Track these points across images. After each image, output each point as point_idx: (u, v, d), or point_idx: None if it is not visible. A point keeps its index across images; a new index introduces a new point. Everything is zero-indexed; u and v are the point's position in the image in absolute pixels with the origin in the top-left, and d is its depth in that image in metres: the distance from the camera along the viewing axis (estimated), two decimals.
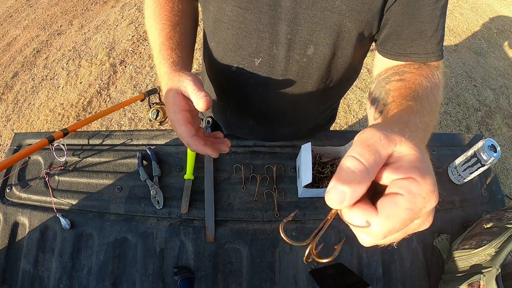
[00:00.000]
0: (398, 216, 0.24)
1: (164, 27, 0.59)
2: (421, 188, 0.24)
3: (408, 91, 0.45)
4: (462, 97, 2.53)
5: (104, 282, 0.73)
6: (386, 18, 0.52)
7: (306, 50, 0.56)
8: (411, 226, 0.26)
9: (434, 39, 0.52)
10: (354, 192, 0.24)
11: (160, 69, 0.54)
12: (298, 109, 0.73)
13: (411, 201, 0.23)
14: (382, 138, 0.25)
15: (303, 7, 0.51)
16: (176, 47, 0.57)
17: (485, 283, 0.62)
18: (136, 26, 2.81)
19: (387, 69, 0.56)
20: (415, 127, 0.35)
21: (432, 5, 0.49)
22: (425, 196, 0.24)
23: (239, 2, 0.53)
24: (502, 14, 3.44)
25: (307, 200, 0.80)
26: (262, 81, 0.63)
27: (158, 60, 0.55)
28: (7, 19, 3.14)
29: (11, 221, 0.80)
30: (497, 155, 0.75)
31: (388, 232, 0.24)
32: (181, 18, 0.62)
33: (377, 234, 0.24)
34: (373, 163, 0.24)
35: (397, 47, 0.54)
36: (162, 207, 0.78)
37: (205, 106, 0.44)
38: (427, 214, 0.26)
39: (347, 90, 0.81)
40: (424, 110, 0.41)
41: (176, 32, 0.59)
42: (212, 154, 0.48)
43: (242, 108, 0.75)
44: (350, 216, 0.25)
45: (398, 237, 0.27)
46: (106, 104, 2.32)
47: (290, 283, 0.73)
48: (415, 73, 0.50)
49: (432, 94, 0.47)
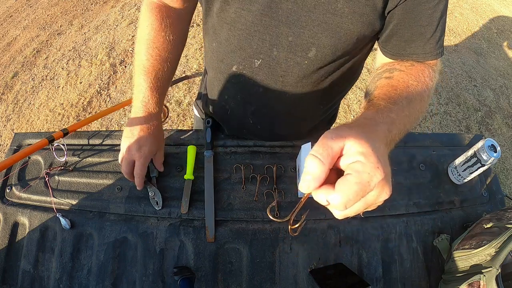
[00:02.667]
0: (350, 189, 0.31)
1: (154, 65, 0.69)
2: (365, 166, 0.31)
3: (387, 89, 0.51)
4: (462, 97, 2.53)
5: (104, 282, 0.73)
6: (389, 21, 0.54)
7: (307, 52, 0.57)
8: (369, 197, 0.33)
9: (433, 39, 0.54)
10: (316, 180, 0.32)
11: (138, 97, 0.69)
12: (298, 109, 0.73)
13: (357, 176, 0.31)
14: (333, 136, 0.33)
15: (305, 10, 0.51)
16: (160, 91, 0.70)
17: (485, 283, 0.62)
18: (136, 26, 2.81)
19: (383, 65, 0.60)
20: (374, 123, 0.42)
21: (432, 8, 0.51)
22: (370, 172, 0.31)
23: (242, 4, 0.53)
24: (502, 14, 3.44)
25: (307, 200, 0.80)
26: (262, 82, 0.64)
27: (141, 92, 0.69)
28: (7, 19, 3.14)
29: (11, 221, 0.80)
30: (497, 155, 0.75)
31: (347, 203, 0.32)
32: (169, 53, 0.70)
33: (338, 206, 0.32)
34: (327, 156, 0.32)
35: (398, 48, 0.56)
36: (161, 208, 0.78)
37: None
38: (381, 186, 0.33)
39: (347, 91, 0.81)
40: (394, 107, 0.46)
41: (163, 72, 0.70)
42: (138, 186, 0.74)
43: (242, 108, 0.75)
44: (317, 196, 0.34)
45: (361, 207, 0.34)
46: (106, 104, 2.32)
47: (290, 283, 0.73)
48: (404, 71, 0.54)
49: (416, 91, 0.51)
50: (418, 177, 0.86)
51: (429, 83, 0.54)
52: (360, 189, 0.31)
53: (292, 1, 0.51)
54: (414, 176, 0.86)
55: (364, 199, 0.33)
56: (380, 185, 0.33)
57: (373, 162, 0.32)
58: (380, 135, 0.40)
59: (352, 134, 0.33)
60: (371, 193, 0.33)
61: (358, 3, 0.49)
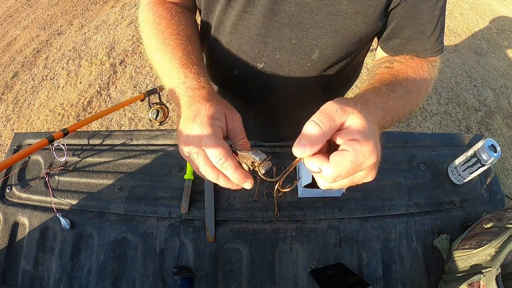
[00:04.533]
0: (344, 166, 0.32)
1: (176, 44, 0.51)
2: (362, 147, 0.32)
3: (388, 77, 0.50)
4: (462, 97, 2.53)
5: (104, 282, 0.73)
6: (390, 19, 0.54)
7: (311, 55, 0.56)
8: (356, 176, 0.34)
9: (433, 37, 0.54)
10: (313, 147, 0.32)
11: (174, 81, 0.47)
12: (300, 110, 0.73)
13: (354, 155, 0.31)
14: (337, 109, 0.33)
15: (308, 11, 0.50)
16: (196, 63, 0.51)
17: (485, 283, 0.62)
18: (136, 26, 2.81)
19: (383, 57, 0.60)
20: (374, 105, 0.42)
21: (433, 6, 0.51)
22: (365, 154, 0.32)
23: (244, 7, 0.53)
24: (502, 14, 3.44)
25: (307, 200, 0.80)
26: (264, 85, 0.63)
27: (174, 73, 0.48)
28: (7, 19, 3.14)
29: (11, 221, 0.80)
30: (497, 155, 0.75)
31: (336, 177, 0.32)
32: (191, 31, 0.56)
33: (327, 178, 0.33)
34: (328, 127, 0.32)
35: (398, 45, 0.57)
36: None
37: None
38: (370, 169, 0.34)
39: (348, 90, 0.81)
40: (393, 94, 0.46)
41: (191, 47, 0.53)
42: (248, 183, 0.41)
43: (243, 110, 0.74)
44: (309, 163, 0.33)
45: (346, 184, 0.35)
46: (106, 104, 2.32)
47: (290, 283, 0.73)
48: (403, 63, 0.54)
49: (414, 84, 0.51)
50: (418, 177, 0.86)
51: (427, 77, 0.54)
52: (353, 168, 0.32)
53: (294, 3, 0.50)
54: (414, 176, 0.86)
55: (352, 177, 0.34)
56: (369, 168, 0.34)
57: (370, 145, 0.32)
58: (378, 119, 0.41)
59: (356, 112, 0.33)
60: (360, 173, 0.34)
61: (361, 4, 0.49)
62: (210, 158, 0.39)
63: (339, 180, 0.33)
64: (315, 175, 0.35)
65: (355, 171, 0.32)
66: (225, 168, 0.39)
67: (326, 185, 0.36)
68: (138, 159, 0.85)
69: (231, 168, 0.39)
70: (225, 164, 0.39)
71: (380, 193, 0.83)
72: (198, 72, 0.48)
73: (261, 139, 0.86)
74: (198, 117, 0.40)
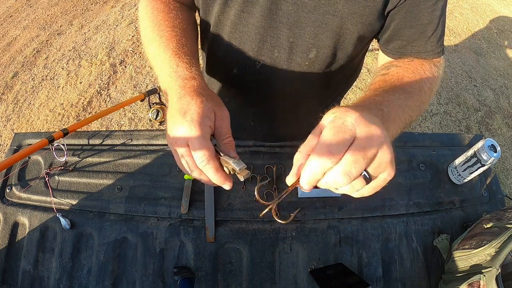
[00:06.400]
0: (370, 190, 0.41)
1: (171, 35, 0.52)
2: (388, 175, 0.39)
3: (382, 84, 0.50)
4: (462, 97, 2.53)
5: (104, 282, 0.73)
6: (389, 21, 0.54)
7: (308, 53, 0.56)
8: (380, 178, 0.40)
9: (434, 38, 0.54)
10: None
11: (165, 70, 0.48)
12: (299, 110, 0.73)
13: (380, 182, 0.41)
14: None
15: (305, 11, 0.51)
16: (189, 53, 0.51)
17: (485, 283, 0.62)
18: (136, 26, 2.81)
19: (382, 65, 0.60)
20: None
21: (432, 6, 0.51)
22: (388, 175, 0.39)
23: (242, 6, 0.53)
24: (502, 14, 3.44)
25: (307, 200, 0.80)
26: (263, 84, 0.64)
27: (167, 63, 0.49)
28: (7, 19, 3.14)
29: (11, 221, 0.80)
30: (497, 155, 0.75)
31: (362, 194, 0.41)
32: (187, 25, 0.57)
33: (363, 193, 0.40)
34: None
35: (399, 47, 0.57)
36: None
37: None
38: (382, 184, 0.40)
39: (347, 90, 0.81)
40: (385, 100, 0.46)
41: (185, 39, 0.53)
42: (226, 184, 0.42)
43: (242, 109, 0.75)
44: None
45: (371, 188, 0.40)
46: (106, 104, 2.32)
47: (290, 283, 0.73)
48: (401, 67, 0.54)
49: (413, 83, 0.51)
50: (418, 177, 0.86)
51: (429, 76, 0.53)
52: (370, 191, 0.40)
53: (292, 3, 0.50)
54: (414, 176, 0.86)
55: (375, 181, 0.40)
56: (383, 183, 0.39)
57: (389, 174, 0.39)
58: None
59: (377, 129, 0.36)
60: (380, 176, 0.39)
61: (358, 4, 0.49)
62: (194, 157, 0.40)
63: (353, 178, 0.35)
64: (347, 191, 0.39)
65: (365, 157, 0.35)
66: (207, 170, 0.40)
67: (357, 194, 0.40)
68: (138, 159, 0.85)
69: (212, 171, 0.40)
70: (207, 166, 0.40)
71: (380, 193, 0.81)
72: (190, 62, 0.48)
73: (261, 139, 0.86)
74: (188, 113, 0.40)
